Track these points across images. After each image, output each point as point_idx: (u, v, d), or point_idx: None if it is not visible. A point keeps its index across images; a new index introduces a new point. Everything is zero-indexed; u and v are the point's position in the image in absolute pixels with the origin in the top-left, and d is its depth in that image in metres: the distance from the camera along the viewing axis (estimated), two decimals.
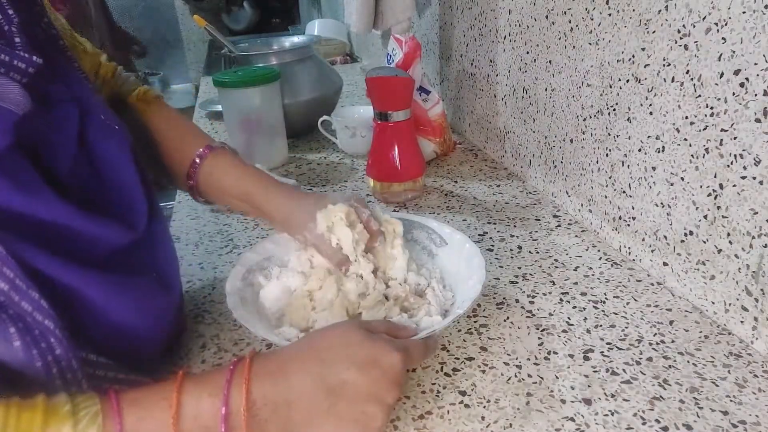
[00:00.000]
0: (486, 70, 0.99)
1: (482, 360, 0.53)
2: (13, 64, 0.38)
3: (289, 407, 0.40)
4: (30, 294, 0.36)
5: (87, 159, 0.45)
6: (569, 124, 0.76)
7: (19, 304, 0.36)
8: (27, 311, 0.36)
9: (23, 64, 0.39)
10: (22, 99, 0.38)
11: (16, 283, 0.36)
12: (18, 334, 0.36)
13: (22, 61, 0.39)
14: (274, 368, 0.41)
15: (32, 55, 0.39)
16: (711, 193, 0.54)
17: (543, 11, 0.77)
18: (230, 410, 0.39)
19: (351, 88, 1.57)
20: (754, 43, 0.47)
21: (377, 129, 0.84)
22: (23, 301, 0.36)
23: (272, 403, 0.40)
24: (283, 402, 0.40)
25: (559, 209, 0.81)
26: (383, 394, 0.42)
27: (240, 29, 3.66)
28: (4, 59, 0.38)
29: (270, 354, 0.43)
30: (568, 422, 0.46)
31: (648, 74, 0.59)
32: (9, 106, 0.37)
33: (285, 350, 0.44)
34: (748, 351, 0.52)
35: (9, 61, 0.38)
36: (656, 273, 0.64)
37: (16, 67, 0.39)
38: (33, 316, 0.36)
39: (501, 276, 0.66)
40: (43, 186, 0.39)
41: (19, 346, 0.36)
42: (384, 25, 1.21)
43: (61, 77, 0.45)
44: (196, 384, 0.40)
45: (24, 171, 0.38)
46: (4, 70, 0.38)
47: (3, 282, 0.35)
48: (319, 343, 0.44)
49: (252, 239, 0.78)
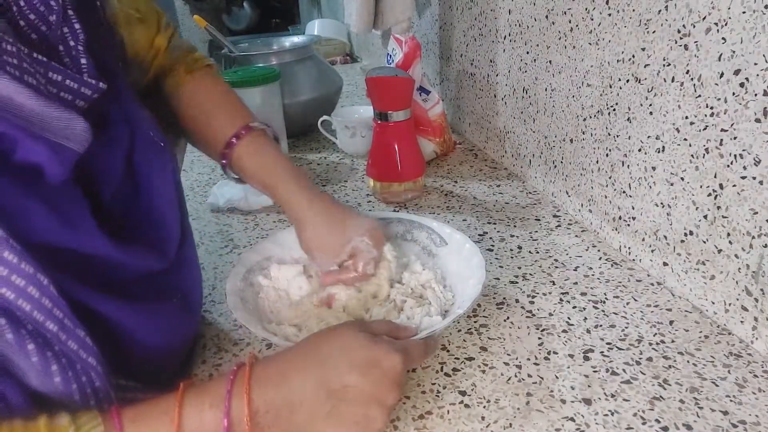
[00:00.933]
0: (486, 70, 0.99)
1: (482, 360, 0.53)
2: (80, 91, 0.38)
3: (290, 411, 0.40)
4: (77, 333, 0.36)
5: (131, 181, 0.44)
6: (569, 124, 0.76)
7: (65, 342, 0.36)
8: (72, 349, 0.36)
9: (89, 90, 0.38)
10: (85, 135, 0.37)
11: (65, 323, 0.36)
12: (59, 370, 0.36)
13: (88, 88, 0.38)
14: (275, 373, 0.41)
15: (98, 81, 0.39)
16: (711, 193, 0.54)
17: (543, 11, 0.77)
18: (232, 421, 0.38)
19: (351, 88, 1.57)
20: (754, 43, 0.47)
21: (377, 129, 0.84)
22: (70, 340, 0.36)
23: (274, 409, 0.40)
24: (285, 406, 0.40)
25: (559, 209, 0.81)
26: (384, 396, 0.42)
27: (240, 29, 3.66)
28: (72, 86, 0.37)
29: (270, 359, 0.43)
30: (568, 422, 0.46)
31: (648, 74, 0.59)
32: (74, 147, 0.36)
33: (285, 354, 0.44)
34: (748, 351, 0.52)
35: (77, 89, 0.37)
36: (656, 273, 0.64)
37: (83, 94, 0.38)
38: (78, 353, 0.36)
39: (501, 276, 0.66)
40: (88, 218, 0.38)
41: (59, 382, 0.36)
42: (384, 25, 1.21)
43: (115, 96, 0.44)
44: (197, 395, 0.39)
45: (73, 204, 0.38)
46: (71, 98, 0.37)
47: (53, 323, 0.35)
48: (319, 346, 0.43)
49: (252, 239, 0.78)
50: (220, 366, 0.54)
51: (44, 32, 0.38)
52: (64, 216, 0.37)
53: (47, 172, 0.36)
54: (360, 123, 1.03)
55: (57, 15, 0.39)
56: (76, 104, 0.38)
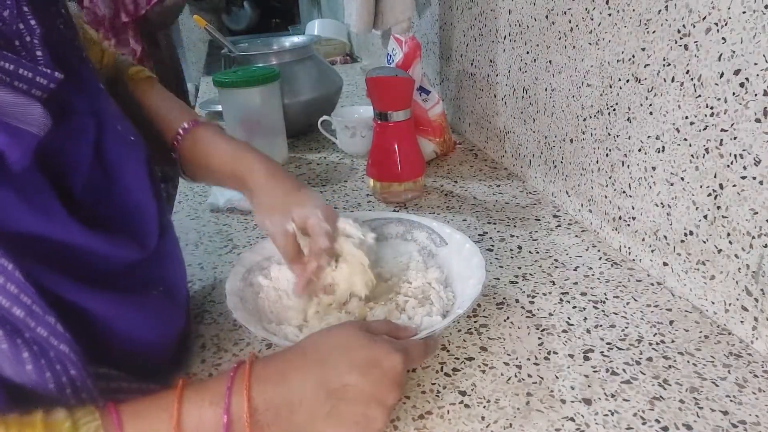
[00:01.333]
0: (486, 70, 0.99)
1: (482, 360, 0.53)
2: (35, 80, 0.38)
3: (290, 410, 0.40)
4: (46, 319, 0.36)
5: (102, 171, 0.44)
6: (569, 124, 0.76)
7: (35, 329, 0.35)
8: (42, 336, 0.36)
9: (45, 80, 0.38)
10: (44, 119, 0.37)
11: (33, 309, 0.35)
12: (31, 358, 0.35)
13: (44, 77, 0.38)
14: (275, 372, 0.41)
15: (54, 70, 0.39)
16: (711, 193, 0.54)
17: (543, 11, 0.77)
18: (232, 418, 0.38)
19: (351, 88, 1.57)
20: (754, 43, 0.47)
21: (377, 129, 0.84)
22: (39, 327, 0.36)
23: (274, 408, 0.40)
24: (285, 405, 0.40)
25: (559, 209, 0.81)
26: (384, 396, 0.42)
27: (240, 29, 3.66)
28: (26, 75, 0.37)
29: (270, 358, 0.43)
30: (568, 422, 0.46)
31: (648, 74, 0.59)
32: (31, 129, 0.37)
33: (285, 353, 0.44)
34: (748, 351, 0.52)
35: (32, 78, 0.38)
36: (656, 273, 0.64)
37: (38, 83, 0.38)
38: (48, 340, 0.36)
39: (501, 276, 0.66)
40: (57, 206, 0.38)
41: (31, 370, 0.36)
42: (384, 25, 1.21)
43: (78, 88, 0.44)
44: (197, 392, 0.39)
45: (40, 191, 0.38)
46: (27, 87, 0.37)
47: (20, 309, 0.35)
48: (319, 346, 0.43)
49: (252, 239, 0.78)
50: (219, 366, 0.54)
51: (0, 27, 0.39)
52: (34, 203, 0.37)
53: (7, 158, 0.36)
54: (360, 123, 1.03)
55: (10, 10, 0.39)
56: (32, 93, 0.38)
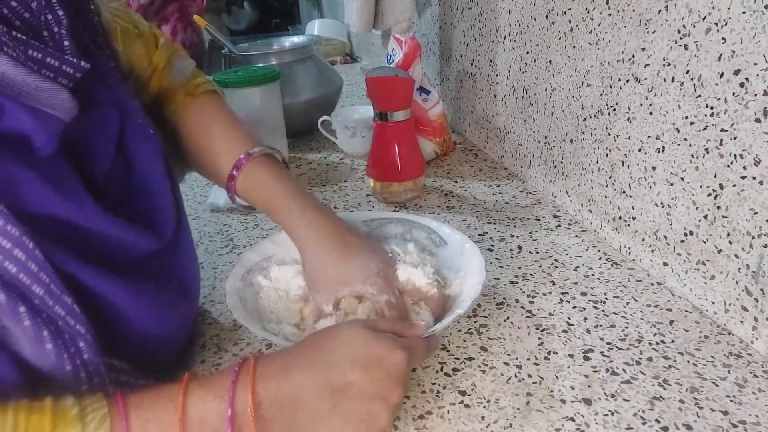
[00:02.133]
0: (486, 70, 0.99)
1: (482, 360, 0.53)
2: (62, 69, 0.39)
3: (293, 407, 0.40)
4: (63, 299, 0.37)
5: (123, 162, 0.45)
6: (569, 124, 0.76)
7: (53, 308, 0.36)
8: (60, 315, 0.36)
9: (71, 69, 0.39)
10: (69, 105, 0.38)
11: (51, 288, 0.36)
12: (50, 337, 0.36)
13: (70, 66, 0.39)
14: (279, 369, 0.41)
15: (80, 60, 0.40)
16: (711, 193, 0.54)
17: (543, 11, 0.77)
18: (236, 411, 0.39)
19: (351, 88, 1.57)
20: (754, 43, 0.47)
21: (377, 129, 0.84)
22: (57, 306, 0.36)
23: (278, 404, 0.40)
24: (288, 402, 0.40)
25: (559, 209, 0.81)
26: (388, 394, 0.42)
27: (240, 29, 3.66)
28: (53, 64, 0.38)
29: (274, 355, 0.43)
30: (568, 422, 0.46)
31: (648, 74, 0.59)
32: (58, 114, 0.37)
33: (289, 351, 0.44)
34: (748, 351, 0.52)
35: (59, 66, 0.38)
36: (656, 273, 0.64)
37: (65, 71, 0.39)
38: (65, 320, 0.37)
39: (501, 276, 0.66)
40: (82, 191, 0.39)
41: (51, 349, 0.36)
42: (384, 25, 1.21)
43: (102, 80, 0.45)
44: (202, 386, 0.40)
45: (65, 176, 0.39)
46: (54, 75, 0.38)
47: (39, 287, 0.35)
48: (323, 344, 0.43)
49: (252, 239, 0.78)
50: (219, 366, 0.54)
51: (27, 18, 0.39)
52: (59, 187, 0.37)
53: (35, 142, 0.36)
54: (360, 123, 1.03)
55: (38, 1, 0.40)
56: (59, 82, 0.38)
